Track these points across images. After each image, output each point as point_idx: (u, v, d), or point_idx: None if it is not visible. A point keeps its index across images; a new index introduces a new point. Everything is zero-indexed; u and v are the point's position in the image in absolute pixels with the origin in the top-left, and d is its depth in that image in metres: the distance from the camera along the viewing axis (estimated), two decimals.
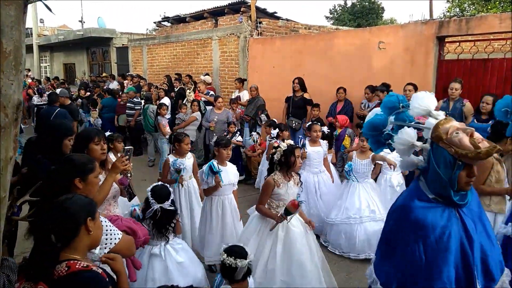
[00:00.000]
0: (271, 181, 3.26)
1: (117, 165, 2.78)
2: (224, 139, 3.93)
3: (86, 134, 2.93)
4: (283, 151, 3.25)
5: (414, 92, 5.80)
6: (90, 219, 1.72)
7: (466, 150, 1.76)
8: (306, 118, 7.47)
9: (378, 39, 7.05)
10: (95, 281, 1.61)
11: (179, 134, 4.43)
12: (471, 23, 5.89)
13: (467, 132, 1.82)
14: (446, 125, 1.89)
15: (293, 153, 3.22)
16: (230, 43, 9.96)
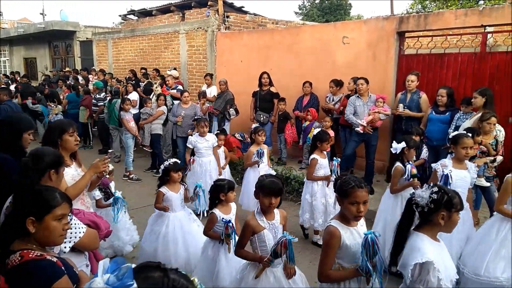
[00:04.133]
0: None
1: (98, 165, 2.92)
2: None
3: (60, 125, 2.96)
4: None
5: (366, 86, 6.01)
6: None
7: None
8: (273, 112, 7.56)
9: (342, 34, 7.21)
10: (49, 270, 1.60)
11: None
12: (428, 19, 6.13)
13: None
14: None
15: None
16: (197, 37, 9.89)
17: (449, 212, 2.01)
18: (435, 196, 2.00)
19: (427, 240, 2.02)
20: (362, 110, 6.00)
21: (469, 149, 3.45)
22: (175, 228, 3.76)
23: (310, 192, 4.53)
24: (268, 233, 2.61)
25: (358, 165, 6.63)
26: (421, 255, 1.92)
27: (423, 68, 6.26)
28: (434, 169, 3.54)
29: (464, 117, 5.11)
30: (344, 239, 2.20)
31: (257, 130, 5.11)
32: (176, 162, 3.97)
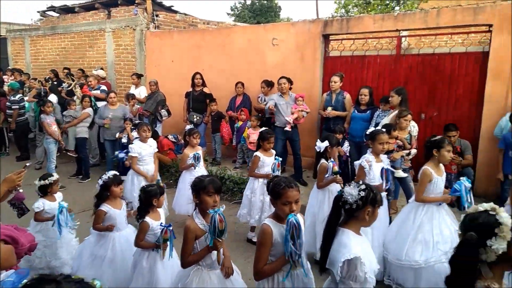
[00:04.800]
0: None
1: (13, 178, 2.66)
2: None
3: None
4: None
5: (288, 85, 6.28)
6: None
7: None
8: (206, 112, 7.52)
9: (272, 35, 7.39)
10: None
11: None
12: (350, 23, 6.52)
13: None
14: None
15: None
16: (125, 35, 9.50)
17: (374, 208, 2.14)
18: (362, 193, 2.10)
19: (353, 236, 2.12)
20: (285, 108, 6.24)
21: (385, 144, 3.75)
22: (123, 251, 3.36)
23: (251, 188, 4.61)
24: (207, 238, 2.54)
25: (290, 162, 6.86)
26: (349, 252, 2.00)
27: (346, 69, 6.65)
28: (360, 166, 3.77)
29: (383, 115, 5.51)
30: (277, 236, 2.26)
31: (192, 132, 5.04)
32: (116, 174, 3.56)
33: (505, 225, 1.55)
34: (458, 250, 1.65)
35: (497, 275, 1.58)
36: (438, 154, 3.50)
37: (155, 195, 3.13)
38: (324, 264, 2.13)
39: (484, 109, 5.52)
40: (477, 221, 1.62)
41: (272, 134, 4.53)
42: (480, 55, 5.62)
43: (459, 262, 1.61)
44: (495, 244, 1.53)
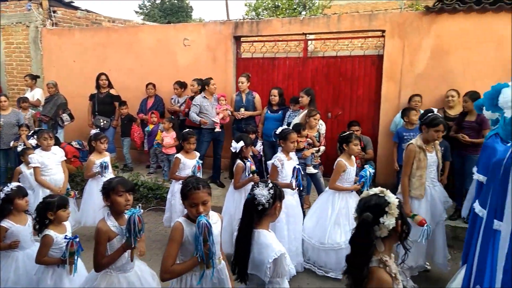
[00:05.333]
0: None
1: None
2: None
3: None
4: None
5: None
6: None
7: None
8: (115, 116, 7.08)
9: (183, 35, 7.24)
10: None
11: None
12: (260, 26, 6.68)
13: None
14: None
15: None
16: (17, 33, 8.52)
17: (280, 203, 2.21)
18: (272, 191, 2.15)
19: (268, 234, 2.14)
20: (210, 109, 6.19)
21: (295, 142, 3.92)
22: (28, 272, 2.98)
23: (171, 191, 4.50)
24: (119, 240, 2.45)
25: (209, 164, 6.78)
26: (273, 251, 2.01)
27: (258, 71, 6.80)
28: (273, 165, 3.86)
29: (294, 114, 5.74)
30: (187, 235, 2.21)
31: (98, 137, 4.69)
32: (20, 186, 3.21)
33: (393, 203, 1.80)
34: (357, 229, 1.84)
35: (388, 248, 1.83)
36: (348, 147, 3.84)
37: (51, 208, 2.83)
38: (245, 271, 2.10)
39: (381, 108, 6.07)
40: (371, 202, 1.84)
41: (193, 134, 4.43)
42: (376, 58, 6.16)
43: (358, 240, 1.81)
44: (386, 220, 1.77)
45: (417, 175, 3.48)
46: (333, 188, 3.95)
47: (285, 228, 3.70)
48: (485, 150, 2.96)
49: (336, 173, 3.87)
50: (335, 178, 3.88)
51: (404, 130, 5.26)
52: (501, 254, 2.27)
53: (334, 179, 3.90)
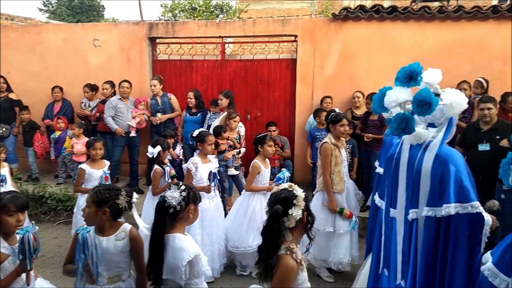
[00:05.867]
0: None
1: None
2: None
3: None
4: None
5: (131, 89, 6.04)
6: None
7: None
8: (15, 122, 6.41)
9: (93, 36, 6.82)
10: None
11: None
12: (176, 27, 6.57)
13: None
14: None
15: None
16: None
17: (195, 206, 2.20)
18: (184, 193, 2.13)
19: (184, 237, 2.12)
20: (125, 112, 5.93)
21: (213, 145, 3.93)
22: None
23: (77, 205, 4.17)
24: (12, 261, 2.21)
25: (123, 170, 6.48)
26: (187, 253, 2.01)
27: (176, 73, 6.68)
28: (187, 168, 3.82)
29: (214, 117, 5.75)
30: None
31: None
32: None
33: (299, 196, 1.96)
34: (268, 221, 1.96)
35: (295, 237, 1.99)
36: (262, 149, 3.91)
37: None
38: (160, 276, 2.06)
39: (296, 109, 6.36)
40: (281, 196, 1.98)
41: (99, 140, 4.16)
42: (290, 62, 6.44)
43: (269, 231, 1.94)
44: (294, 212, 1.92)
45: (336, 171, 3.71)
46: (249, 190, 3.99)
47: (199, 233, 3.68)
48: (384, 146, 3.28)
49: (252, 175, 3.92)
50: (251, 180, 3.93)
51: (316, 130, 5.59)
52: (398, 238, 2.53)
53: (250, 180, 3.94)
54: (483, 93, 5.28)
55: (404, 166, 2.56)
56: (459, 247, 2.26)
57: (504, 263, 1.55)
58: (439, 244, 2.36)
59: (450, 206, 2.25)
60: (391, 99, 2.35)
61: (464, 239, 2.25)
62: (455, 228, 2.27)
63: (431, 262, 2.40)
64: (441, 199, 2.33)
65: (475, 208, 2.23)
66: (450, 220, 2.30)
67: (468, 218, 2.25)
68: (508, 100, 4.99)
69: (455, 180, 2.30)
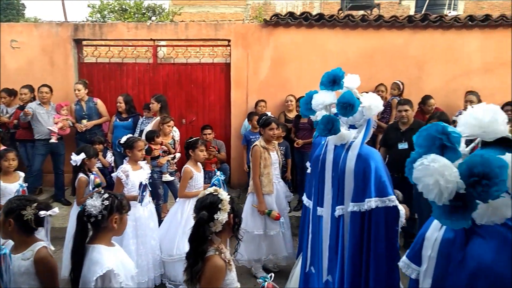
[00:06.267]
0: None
1: None
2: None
3: None
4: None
5: (51, 94, 5.68)
6: None
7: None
8: None
9: (10, 37, 6.30)
10: None
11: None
12: (104, 29, 6.30)
13: None
14: None
15: None
16: None
17: (121, 215, 2.11)
18: (107, 202, 2.03)
19: (104, 250, 2.02)
20: (46, 118, 5.55)
21: (143, 151, 3.82)
22: None
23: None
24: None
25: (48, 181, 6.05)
26: (100, 267, 1.92)
27: (105, 76, 6.40)
28: (117, 177, 3.66)
29: (147, 122, 5.58)
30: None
31: None
32: None
33: (225, 200, 2.00)
34: (194, 228, 1.98)
35: (223, 240, 2.04)
36: (194, 153, 3.87)
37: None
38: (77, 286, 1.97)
39: (231, 112, 6.41)
40: (206, 201, 2.00)
41: (11, 150, 3.82)
42: (224, 66, 6.48)
43: (195, 237, 1.95)
44: (220, 216, 1.95)
45: (265, 173, 3.79)
46: (182, 196, 3.90)
47: (133, 242, 3.55)
48: (314, 147, 3.43)
49: (184, 181, 3.85)
50: (183, 186, 3.86)
51: (251, 134, 5.68)
52: (325, 235, 2.66)
53: (182, 186, 3.87)
54: (399, 94, 5.74)
55: (329, 165, 2.70)
56: (379, 239, 2.45)
57: (414, 254, 1.70)
58: (364, 238, 2.54)
59: (371, 200, 2.44)
60: (318, 101, 2.48)
61: (382, 231, 2.44)
62: (375, 221, 2.45)
63: (357, 255, 2.56)
64: (363, 194, 2.50)
65: (392, 201, 2.43)
66: (372, 214, 2.48)
67: (386, 211, 2.44)
68: (427, 103, 5.48)
69: (375, 176, 2.49)
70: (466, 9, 17.07)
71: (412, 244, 1.75)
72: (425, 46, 6.15)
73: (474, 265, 1.41)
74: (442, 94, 5.86)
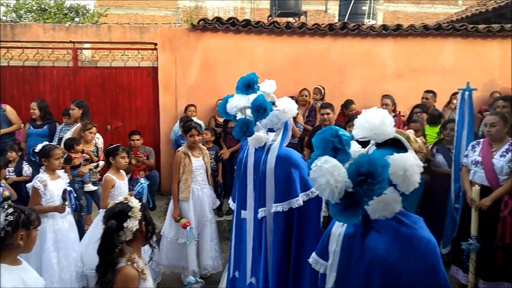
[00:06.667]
0: None
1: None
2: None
3: None
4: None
5: None
6: None
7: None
8: None
9: None
10: None
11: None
12: (16, 30, 5.83)
13: None
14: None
15: None
16: None
17: (28, 231, 1.96)
18: (11, 217, 1.88)
19: (5, 269, 1.86)
20: None
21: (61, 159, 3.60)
22: None
23: None
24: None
25: None
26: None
27: (19, 81, 5.93)
28: (33, 187, 3.40)
29: (66, 128, 5.25)
30: None
31: None
32: None
33: (135, 207, 1.95)
34: (102, 238, 1.92)
35: (136, 249, 1.97)
36: (115, 161, 3.71)
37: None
38: None
39: (160, 118, 6.27)
40: (115, 210, 1.95)
41: None
42: (151, 70, 6.33)
43: (104, 248, 1.89)
44: (130, 224, 1.91)
45: (183, 179, 3.75)
46: (104, 207, 3.71)
47: (54, 256, 3.34)
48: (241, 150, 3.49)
49: (105, 190, 3.68)
50: (105, 196, 3.68)
51: (181, 138, 5.58)
52: (248, 238, 2.71)
53: (104, 197, 3.69)
54: (322, 98, 6.05)
55: (250, 168, 2.77)
56: (309, 231, 2.58)
57: (322, 250, 1.80)
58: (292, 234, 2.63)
59: (299, 197, 2.56)
60: (232, 105, 2.54)
61: (313, 221, 2.58)
62: (304, 214, 2.58)
63: (283, 255, 2.65)
64: (289, 194, 2.61)
65: (314, 192, 2.57)
66: (300, 208, 2.59)
67: (311, 202, 2.58)
68: (349, 107, 5.83)
69: (297, 174, 2.61)
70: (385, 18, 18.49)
71: (320, 241, 1.85)
72: (345, 53, 6.54)
73: (371, 256, 1.53)
74: (361, 98, 6.26)
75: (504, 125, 3.44)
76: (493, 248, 3.33)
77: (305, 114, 6.00)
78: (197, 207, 3.80)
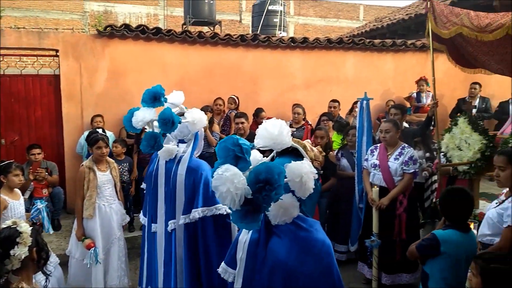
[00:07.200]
0: None
1: None
2: None
3: None
4: None
5: None
6: None
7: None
8: None
9: None
10: None
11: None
12: None
13: None
14: None
15: None
16: None
17: None
18: None
19: None
20: None
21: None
22: None
23: None
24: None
25: None
26: None
27: None
28: None
29: None
30: None
31: None
32: None
33: (24, 232, 1.78)
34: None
35: (26, 278, 1.79)
36: (7, 179, 3.33)
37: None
38: None
39: (64, 129, 5.80)
40: (1, 236, 1.76)
41: None
42: (52, 78, 5.84)
43: None
44: (17, 251, 1.74)
45: (88, 195, 3.47)
46: None
47: None
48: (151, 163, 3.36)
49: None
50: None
51: None
52: (159, 251, 2.64)
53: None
54: (236, 108, 6.16)
55: (161, 180, 2.70)
56: (210, 246, 2.56)
57: (230, 259, 1.82)
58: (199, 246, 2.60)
59: (197, 210, 2.54)
60: (138, 119, 2.46)
61: (212, 238, 2.56)
62: (204, 229, 2.56)
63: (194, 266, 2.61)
64: (194, 204, 2.58)
65: (219, 209, 2.56)
66: (203, 221, 2.57)
67: (214, 219, 2.57)
68: (260, 115, 6.01)
69: (203, 187, 2.59)
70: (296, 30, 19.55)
71: (229, 250, 1.88)
72: (257, 63, 6.75)
73: (272, 260, 1.59)
74: (274, 107, 6.51)
75: (396, 131, 3.84)
76: (392, 244, 3.67)
77: (220, 123, 6.03)
78: (104, 224, 3.54)
